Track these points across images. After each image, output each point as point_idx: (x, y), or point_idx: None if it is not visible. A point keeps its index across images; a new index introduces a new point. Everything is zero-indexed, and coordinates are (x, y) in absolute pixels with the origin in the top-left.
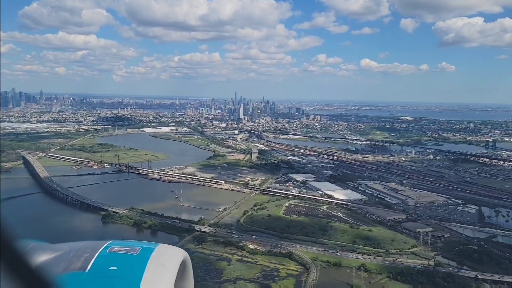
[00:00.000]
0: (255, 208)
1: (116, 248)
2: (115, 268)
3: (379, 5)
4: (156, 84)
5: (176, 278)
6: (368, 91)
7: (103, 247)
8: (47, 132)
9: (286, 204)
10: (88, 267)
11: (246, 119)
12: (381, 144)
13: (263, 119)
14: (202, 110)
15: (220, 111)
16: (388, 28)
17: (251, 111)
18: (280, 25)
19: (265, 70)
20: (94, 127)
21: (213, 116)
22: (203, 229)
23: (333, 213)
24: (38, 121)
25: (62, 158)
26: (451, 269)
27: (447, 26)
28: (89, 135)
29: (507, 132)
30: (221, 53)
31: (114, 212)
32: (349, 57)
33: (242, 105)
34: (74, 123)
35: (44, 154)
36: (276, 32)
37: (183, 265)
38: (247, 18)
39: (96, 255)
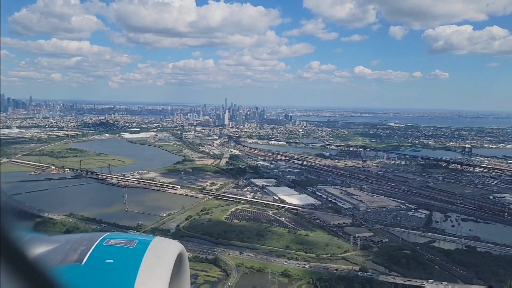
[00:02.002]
0: (201, 213)
1: (112, 240)
2: (112, 260)
3: (365, 12)
4: (152, 91)
5: (172, 271)
6: (363, 97)
7: (99, 240)
8: (23, 137)
9: (233, 209)
10: (85, 260)
11: (230, 124)
12: (355, 149)
13: (248, 124)
14: (189, 116)
15: (208, 117)
16: (378, 35)
17: (243, 117)
18: (271, 32)
19: (260, 76)
20: (72, 132)
21: (198, 122)
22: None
23: (277, 217)
24: (18, 127)
25: (24, 163)
26: (372, 274)
27: (436, 33)
28: (65, 140)
29: (488, 138)
30: (214, 60)
31: (50, 218)
32: (342, 64)
33: (227, 111)
34: (55, 129)
35: (7, 160)
36: (267, 38)
37: (179, 258)
38: (236, 25)
39: (93, 247)
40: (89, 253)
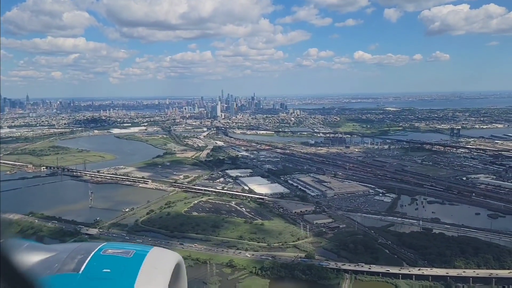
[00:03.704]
0: (165, 206)
1: (109, 250)
2: (109, 270)
3: None
4: (153, 85)
5: (169, 282)
6: (364, 83)
7: (96, 249)
8: (10, 137)
9: (196, 201)
10: (82, 269)
11: (222, 116)
12: (339, 136)
13: (240, 115)
14: (184, 109)
15: (203, 109)
16: (372, 19)
17: (236, 108)
18: (264, 20)
19: (260, 66)
20: (62, 130)
21: (191, 115)
22: (90, 231)
23: (239, 208)
24: (9, 127)
25: (3, 163)
26: (314, 260)
27: (432, 14)
28: (52, 138)
29: (482, 119)
30: (211, 51)
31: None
32: (341, 50)
33: (219, 103)
34: (46, 127)
35: None
36: (261, 27)
37: (177, 268)
38: (228, 15)
39: (90, 257)
40: (86, 262)
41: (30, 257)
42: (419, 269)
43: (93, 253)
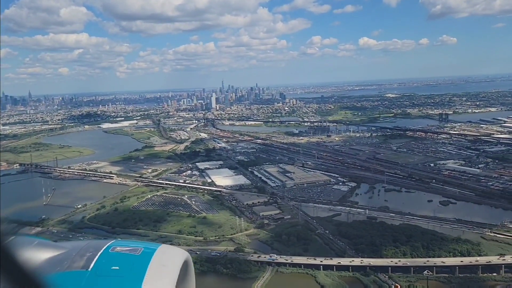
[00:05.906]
0: (119, 202)
1: (118, 248)
2: (117, 267)
3: None
4: (160, 78)
5: (177, 279)
6: (369, 70)
7: (105, 247)
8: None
9: (149, 196)
10: (91, 266)
11: (217, 107)
12: (324, 125)
13: (235, 106)
14: (182, 101)
15: (202, 101)
16: (371, 4)
17: (233, 98)
18: (263, 10)
19: (264, 56)
20: (54, 126)
21: (186, 107)
22: (29, 231)
23: (189, 201)
24: (3, 124)
25: None
26: (240, 254)
27: None
28: (41, 135)
29: (477, 103)
30: (214, 43)
31: None
32: (344, 37)
33: (214, 94)
34: (39, 124)
35: None
36: (260, 17)
37: (184, 265)
38: (224, 5)
39: (99, 254)
40: (95, 259)
41: (40, 254)
42: (329, 259)
43: (102, 250)
